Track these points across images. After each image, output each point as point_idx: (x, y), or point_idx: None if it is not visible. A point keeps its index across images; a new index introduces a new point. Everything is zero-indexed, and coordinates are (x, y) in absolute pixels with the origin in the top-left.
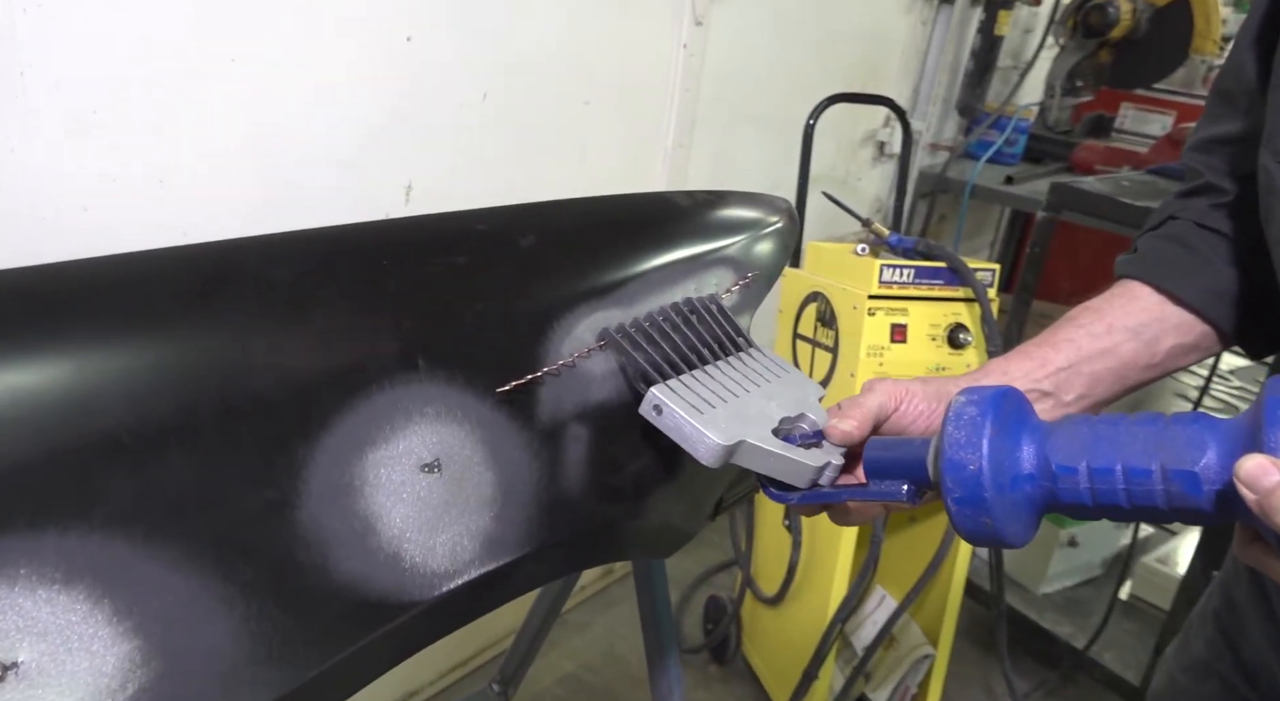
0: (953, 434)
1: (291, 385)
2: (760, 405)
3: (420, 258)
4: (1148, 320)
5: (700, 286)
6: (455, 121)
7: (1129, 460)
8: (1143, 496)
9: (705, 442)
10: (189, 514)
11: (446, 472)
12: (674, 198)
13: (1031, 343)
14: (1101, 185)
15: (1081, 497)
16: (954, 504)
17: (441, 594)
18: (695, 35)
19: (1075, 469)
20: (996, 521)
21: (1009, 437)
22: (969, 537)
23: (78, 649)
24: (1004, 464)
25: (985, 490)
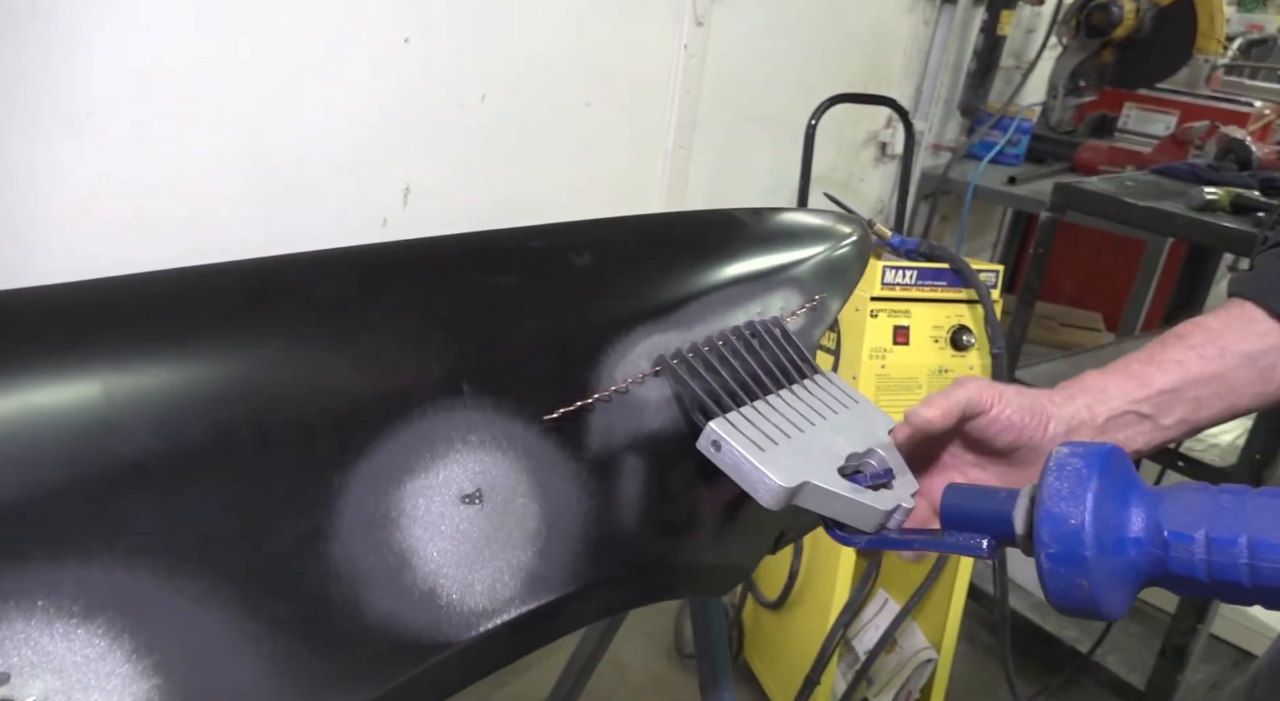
0: (1054, 485)
1: (329, 410)
2: (826, 440)
3: (470, 277)
4: (1265, 347)
5: (765, 309)
6: (454, 123)
7: (1257, 533)
8: (1269, 575)
9: (766, 483)
10: (217, 546)
11: (488, 504)
12: (739, 214)
13: (1135, 359)
14: (1106, 185)
15: (1196, 570)
16: (1048, 560)
17: (479, 633)
18: (696, 36)
19: (1192, 537)
20: (1095, 585)
21: (1116, 497)
22: (1059, 601)
23: (93, 686)
24: (1110, 522)
25: (1086, 548)
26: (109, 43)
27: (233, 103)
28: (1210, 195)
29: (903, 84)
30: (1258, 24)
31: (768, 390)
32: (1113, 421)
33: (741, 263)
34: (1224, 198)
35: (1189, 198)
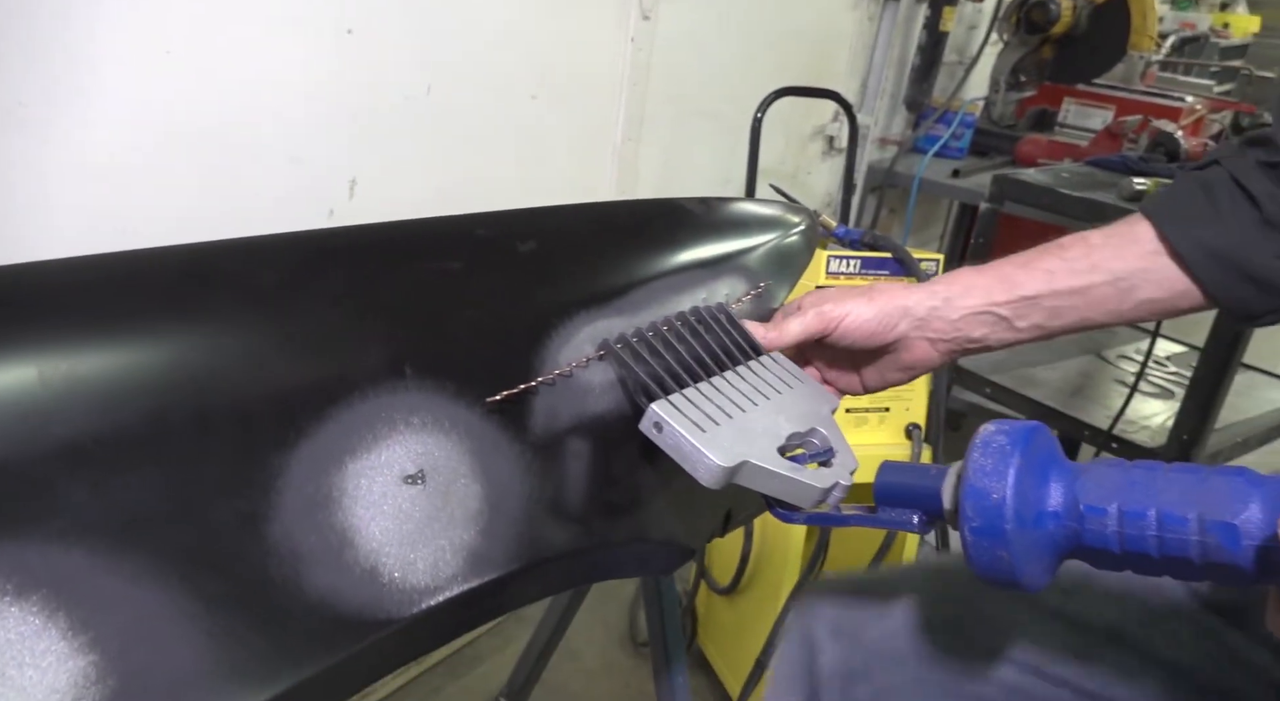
0: (979, 461)
1: (269, 392)
2: (768, 421)
3: (413, 263)
4: (1134, 268)
5: (709, 296)
6: (400, 115)
7: (1164, 506)
8: (1175, 546)
9: (705, 463)
10: (155, 525)
11: (431, 485)
12: (686, 203)
13: (1012, 261)
14: (1042, 176)
15: (1108, 542)
16: (971, 534)
17: (421, 610)
18: (643, 30)
19: (1105, 510)
20: (1014, 557)
21: (1037, 473)
22: (982, 573)
23: (28, 663)
24: (1030, 497)
25: (1006, 521)
26: (41, 36)
27: (171, 94)
28: (1140, 185)
29: (848, 79)
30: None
31: (711, 372)
32: (968, 318)
33: (687, 250)
34: (1153, 188)
35: (1120, 188)
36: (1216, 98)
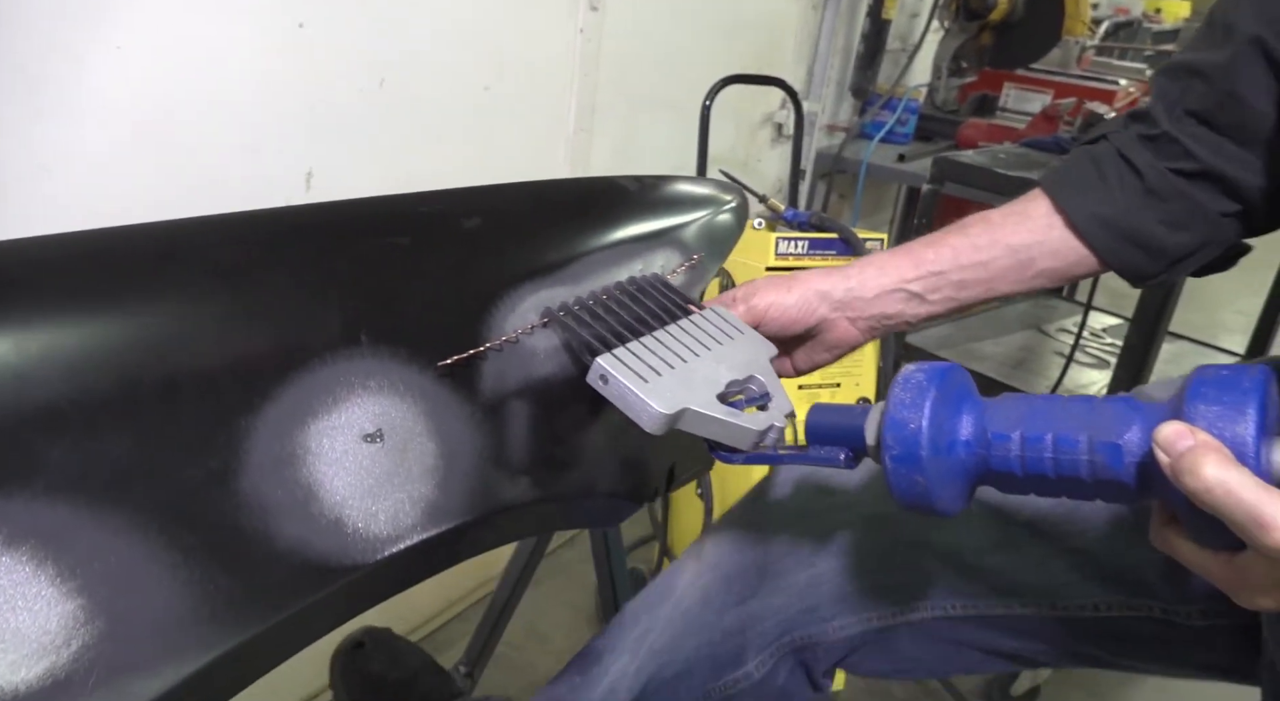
0: (899, 396)
1: (234, 359)
2: (708, 370)
3: (363, 239)
4: (1030, 242)
5: (646, 266)
6: (354, 108)
7: (1059, 431)
8: (1069, 466)
9: (648, 411)
10: (132, 482)
11: (389, 442)
12: (621, 181)
13: (920, 242)
14: (979, 158)
15: (1012, 466)
16: (891, 461)
17: (384, 557)
18: (591, 20)
19: (1009, 437)
20: (930, 482)
21: (951, 406)
22: (901, 498)
23: (21, 607)
24: (944, 427)
25: (922, 448)
26: None
27: (121, 88)
28: None
29: (795, 67)
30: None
31: (653, 329)
32: (882, 297)
33: (624, 224)
34: None
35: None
36: (1149, 81)
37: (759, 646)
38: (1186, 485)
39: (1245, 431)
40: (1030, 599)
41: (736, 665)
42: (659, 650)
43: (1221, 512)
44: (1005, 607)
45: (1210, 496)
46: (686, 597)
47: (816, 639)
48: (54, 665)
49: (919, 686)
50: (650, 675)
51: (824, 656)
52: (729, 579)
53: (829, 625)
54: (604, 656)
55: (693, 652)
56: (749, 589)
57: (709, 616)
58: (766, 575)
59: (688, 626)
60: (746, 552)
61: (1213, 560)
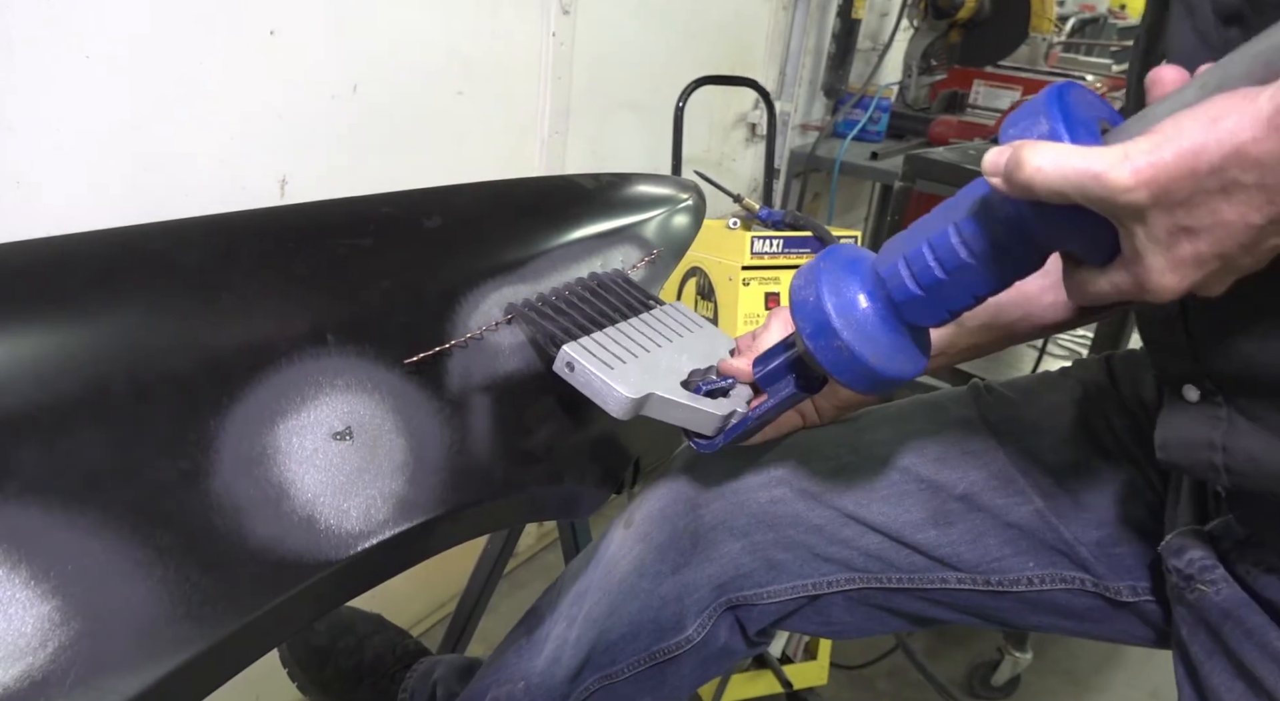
0: (794, 283)
1: (201, 361)
2: (671, 359)
3: (325, 240)
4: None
5: (606, 262)
6: (328, 114)
7: (930, 234)
8: (950, 258)
9: (615, 396)
10: (104, 484)
11: (358, 440)
12: (579, 179)
13: None
14: (949, 155)
15: (910, 288)
16: (809, 340)
17: (356, 553)
18: (564, 24)
19: (895, 264)
20: (852, 344)
21: (843, 269)
22: (837, 373)
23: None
24: (839, 287)
25: (829, 315)
26: None
27: (92, 98)
28: None
29: (767, 67)
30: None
31: (615, 322)
32: None
33: (583, 222)
34: None
35: None
36: (1115, 76)
37: (696, 611)
38: (1019, 182)
39: (1047, 126)
40: (965, 572)
41: (678, 630)
42: (596, 618)
43: (1059, 189)
44: (939, 580)
45: (1042, 175)
46: (619, 567)
47: (752, 601)
48: (31, 666)
49: (901, 677)
50: (591, 642)
51: (759, 617)
52: (661, 548)
53: (763, 590)
54: (545, 617)
55: (633, 618)
56: (682, 558)
57: (644, 584)
58: (699, 544)
59: (624, 595)
60: (676, 522)
61: (1115, 272)
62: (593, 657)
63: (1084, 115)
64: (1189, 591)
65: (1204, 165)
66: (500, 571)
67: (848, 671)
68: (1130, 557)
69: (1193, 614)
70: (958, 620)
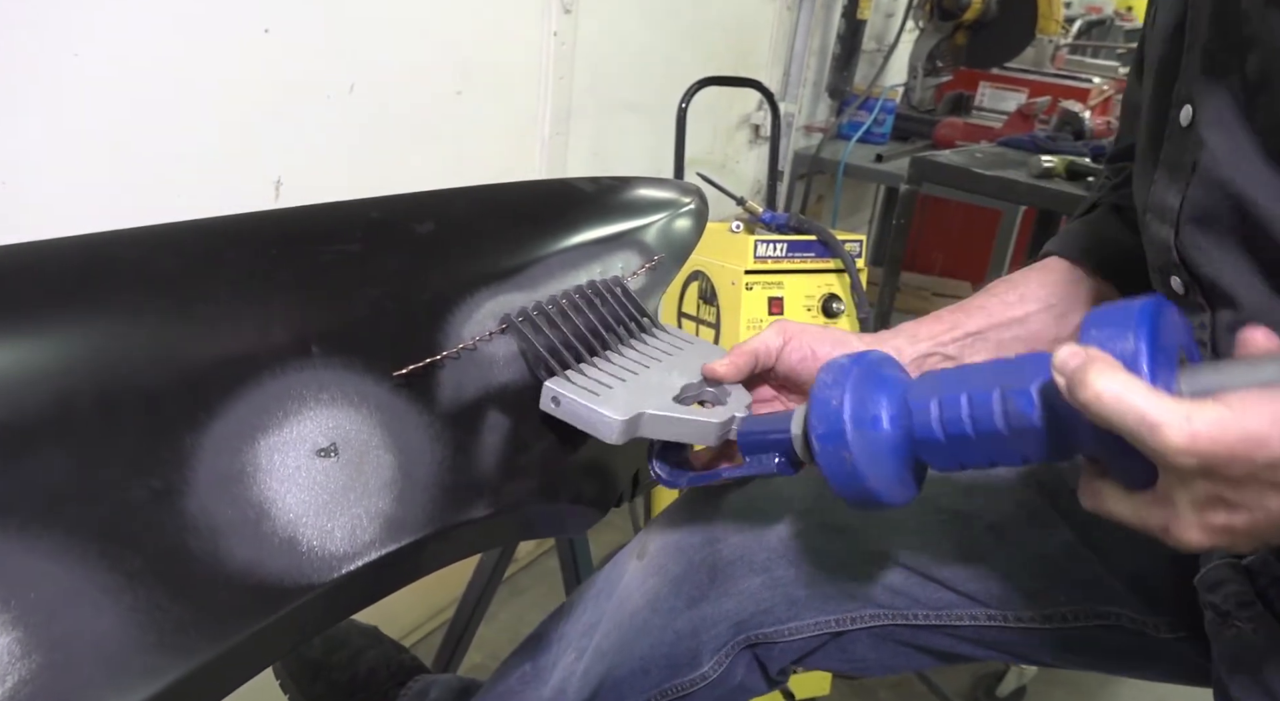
0: (822, 378)
1: (176, 374)
2: (661, 378)
3: (311, 246)
4: (1061, 294)
5: (605, 269)
6: (323, 114)
7: (974, 389)
8: (985, 422)
9: (604, 421)
10: (69, 505)
11: (344, 456)
12: (578, 183)
13: (948, 308)
14: (957, 157)
15: (934, 432)
16: (817, 440)
17: (341, 575)
18: (565, 23)
19: (927, 402)
20: (856, 458)
21: (874, 382)
22: (832, 480)
23: None
24: (867, 401)
25: (845, 424)
26: None
27: (81, 97)
28: (1047, 163)
29: (771, 68)
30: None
31: (607, 346)
32: (918, 361)
33: (582, 227)
34: (1060, 165)
35: (1029, 166)
36: (1122, 78)
37: (713, 648)
38: (1078, 399)
39: (1131, 346)
40: (995, 608)
41: (693, 667)
42: (606, 652)
43: (1114, 422)
44: (969, 617)
45: (1100, 404)
46: (632, 600)
47: (772, 638)
48: None
49: (904, 688)
50: (600, 676)
51: (779, 655)
52: (677, 582)
53: (784, 627)
54: (552, 645)
55: (645, 653)
56: (699, 592)
57: (658, 619)
58: (717, 578)
59: (636, 629)
60: (693, 555)
61: (1141, 503)
62: (601, 692)
63: (1168, 342)
64: (1226, 628)
65: (1264, 457)
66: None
67: (850, 681)
68: (1166, 591)
69: (1230, 651)
70: (988, 657)
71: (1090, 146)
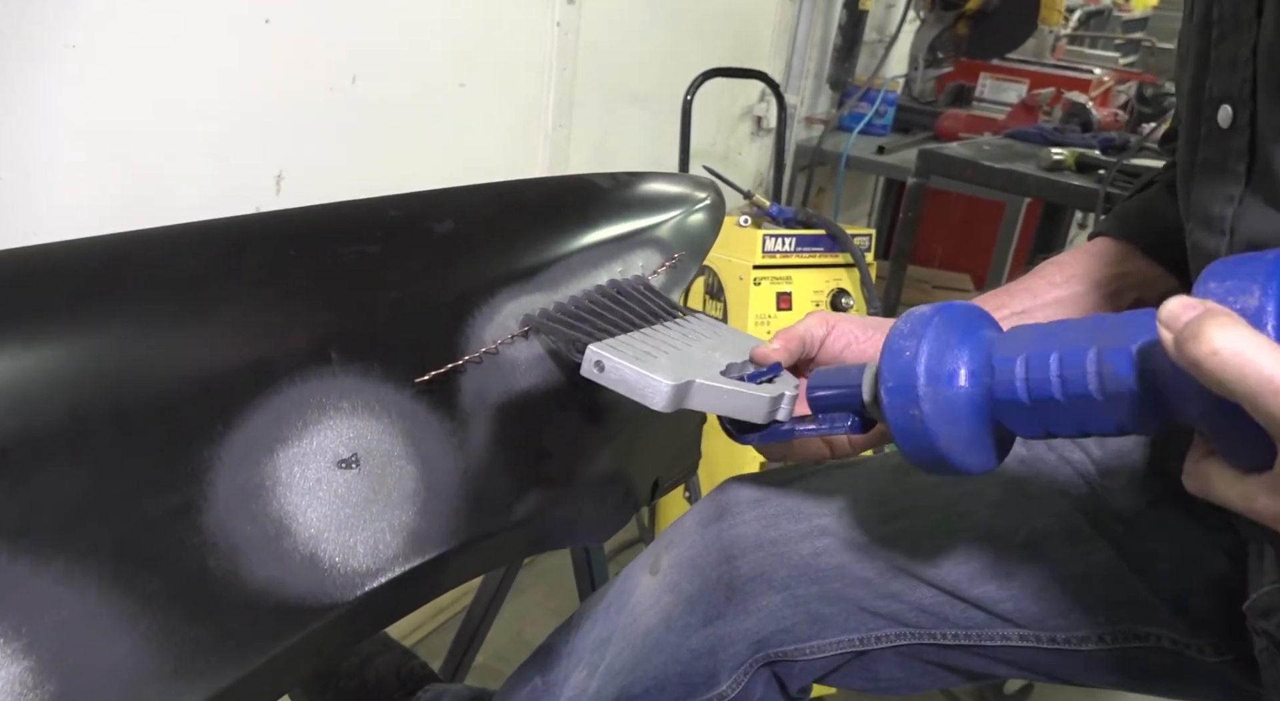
0: (900, 326)
1: (193, 384)
2: (704, 354)
3: (329, 247)
4: (1110, 274)
5: (626, 268)
6: (325, 107)
7: (1067, 346)
8: (1076, 382)
9: (654, 386)
10: (83, 525)
11: (365, 468)
12: (596, 179)
13: (995, 291)
14: (965, 150)
15: (1017, 393)
16: (886, 393)
17: (364, 593)
18: (569, 14)
19: (1013, 360)
20: (926, 416)
21: (957, 333)
22: (903, 441)
23: None
24: (944, 356)
25: (918, 378)
26: None
27: (77, 91)
28: (1057, 156)
29: (773, 60)
30: None
31: (640, 328)
32: None
33: (602, 224)
34: (1070, 158)
35: (1039, 159)
36: (1122, 69)
37: (731, 667)
38: (1191, 355)
39: (1257, 301)
40: (1029, 628)
41: (710, 686)
42: (619, 671)
43: (1232, 385)
44: (1001, 637)
45: (1218, 362)
46: (646, 617)
47: (793, 656)
48: None
49: None
50: (613, 696)
51: (800, 673)
52: (691, 601)
53: (806, 645)
54: (562, 659)
55: (659, 672)
56: (715, 610)
57: (673, 637)
58: (734, 596)
59: (650, 647)
60: (709, 573)
61: (1254, 486)
62: None
63: None
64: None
65: None
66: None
67: None
68: (1211, 612)
69: None
70: (1019, 676)
71: (1099, 139)
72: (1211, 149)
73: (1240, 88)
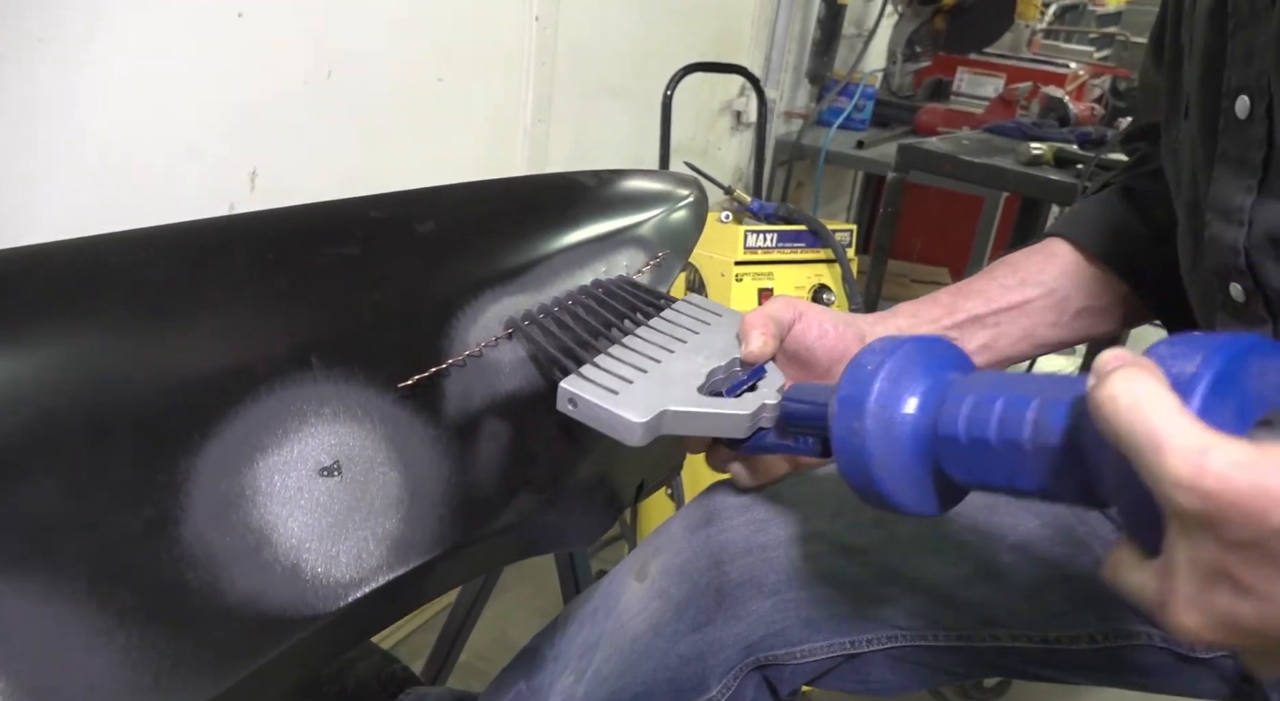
0: (873, 344)
1: (168, 392)
2: (686, 364)
3: (308, 249)
4: (1060, 277)
5: (610, 267)
6: (300, 102)
7: (1016, 393)
8: (1012, 426)
9: (625, 424)
10: (55, 540)
11: (348, 475)
12: (579, 177)
13: (946, 290)
14: (944, 145)
15: (957, 429)
16: (836, 403)
17: (347, 603)
18: (547, 7)
19: (963, 397)
20: (868, 433)
21: (922, 366)
22: (839, 452)
23: None
24: (902, 378)
25: (871, 394)
26: None
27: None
28: (1036, 150)
29: (752, 54)
30: None
31: (623, 332)
32: None
33: (585, 223)
34: (1048, 152)
35: (1017, 154)
36: (1096, 63)
37: (721, 671)
38: (1093, 397)
39: (1192, 369)
40: (1020, 629)
41: (700, 691)
42: (607, 677)
43: (1121, 435)
44: (991, 638)
45: (1111, 407)
46: (633, 624)
47: (784, 660)
48: None
49: None
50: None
51: (791, 677)
52: (680, 606)
53: (796, 649)
54: (548, 663)
55: (648, 678)
56: (704, 615)
57: (661, 643)
58: (724, 602)
59: (639, 653)
60: (698, 579)
61: (1148, 574)
62: None
63: (1252, 392)
64: None
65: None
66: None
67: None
68: None
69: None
70: (1010, 676)
71: (1076, 133)
72: (1230, 140)
73: (1258, 78)
